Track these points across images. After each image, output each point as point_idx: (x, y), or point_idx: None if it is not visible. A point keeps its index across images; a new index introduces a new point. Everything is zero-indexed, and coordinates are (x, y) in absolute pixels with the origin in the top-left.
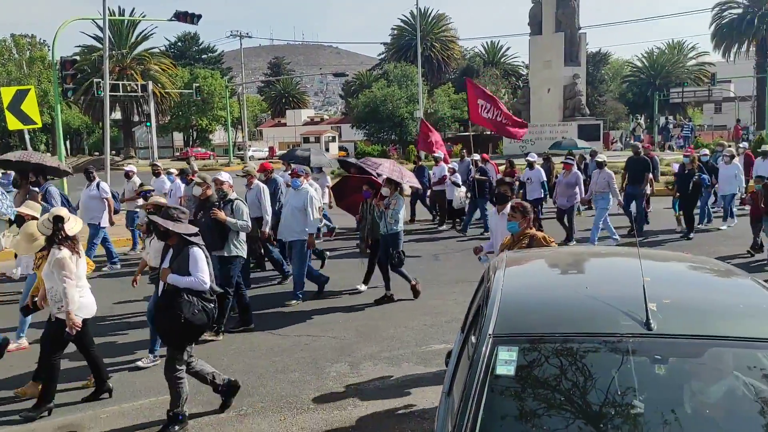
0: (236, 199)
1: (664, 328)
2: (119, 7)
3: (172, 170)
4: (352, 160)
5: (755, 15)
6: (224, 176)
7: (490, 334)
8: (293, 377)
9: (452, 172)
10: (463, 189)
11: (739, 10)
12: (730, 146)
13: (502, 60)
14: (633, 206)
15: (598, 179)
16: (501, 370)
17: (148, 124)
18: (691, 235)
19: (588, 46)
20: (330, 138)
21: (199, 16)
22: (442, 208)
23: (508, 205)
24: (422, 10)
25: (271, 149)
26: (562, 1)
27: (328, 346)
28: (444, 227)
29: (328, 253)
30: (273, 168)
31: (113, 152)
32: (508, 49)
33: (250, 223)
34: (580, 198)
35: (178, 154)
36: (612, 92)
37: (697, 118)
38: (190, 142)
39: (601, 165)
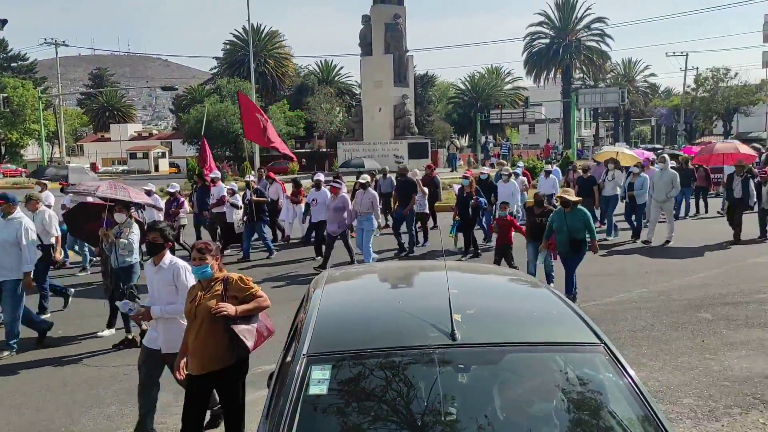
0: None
1: (467, 338)
2: None
3: None
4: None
5: (560, 45)
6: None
7: (304, 354)
8: (110, 411)
9: (231, 193)
10: (241, 211)
11: (547, 41)
12: (520, 163)
13: (336, 78)
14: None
15: (362, 200)
16: (314, 389)
17: None
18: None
19: (416, 69)
20: (159, 154)
21: (5, 21)
22: (224, 231)
23: (166, 254)
24: (255, 26)
25: (93, 165)
26: (390, 25)
27: None
28: (228, 251)
29: (72, 290)
30: None
31: None
32: (341, 68)
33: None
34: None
35: None
36: (439, 112)
37: (514, 137)
38: None
39: (363, 185)
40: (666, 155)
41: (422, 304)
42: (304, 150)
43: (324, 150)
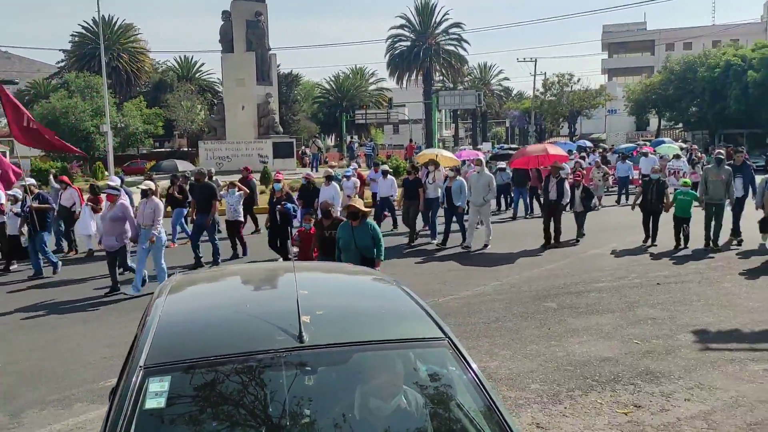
0: None
1: (315, 340)
2: None
3: None
4: None
5: (421, 48)
6: None
7: (141, 366)
8: None
9: (14, 200)
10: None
11: (408, 43)
12: (354, 164)
13: (197, 75)
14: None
15: (145, 209)
16: (151, 403)
17: None
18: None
19: (280, 67)
20: None
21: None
22: (5, 244)
23: None
24: (107, 18)
25: None
26: (252, 22)
27: None
28: (15, 266)
29: None
30: None
31: None
32: (203, 64)
33: None
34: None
35: None
36: (305, 112)
37: (379, 137)
38: None
39: (145, 193)
40: (482, 158)
41: (270, 307)
42: (163, 149)
43: (185, 149)
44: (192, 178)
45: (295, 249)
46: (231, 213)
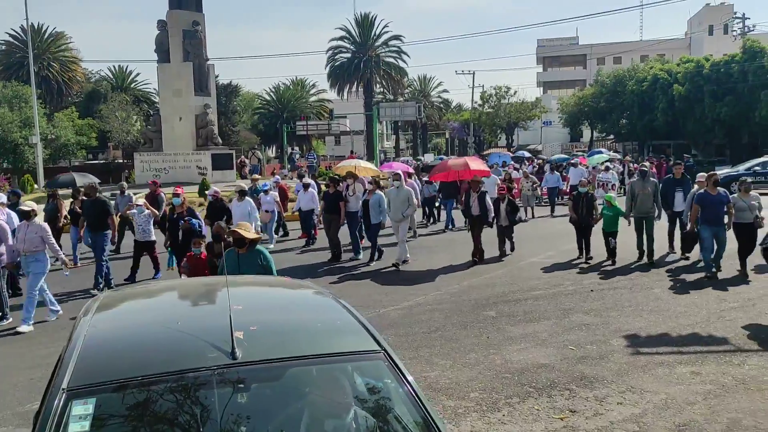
0: None
1: (248, 356)
2: None
3: None
4: None
5: (361, 60)
6: None
7: (63, 389)
8: None
9: None
10: None
11: (349, 55)
12: (277, 177)
13: (132, 86)
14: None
15: (27, 233)
16: (74, 427)
17: None
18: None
19: (219, 78)
20: None
21: None
22: None
23: None
24: (36, 26)
25: None
26: (189, 32)
27: None
28: None
29: None
30: None
31: None
32: (138, 74)
33: None
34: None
35: None
36: (245, 123)
37: (321, 149)
38: None
39: (26, 215)
40: (400, 173)
41: (202, 324)
42: (97, 161)
43: (120, 161)
44: (82, 195)
45: (184, 277)
46: (140, 233)
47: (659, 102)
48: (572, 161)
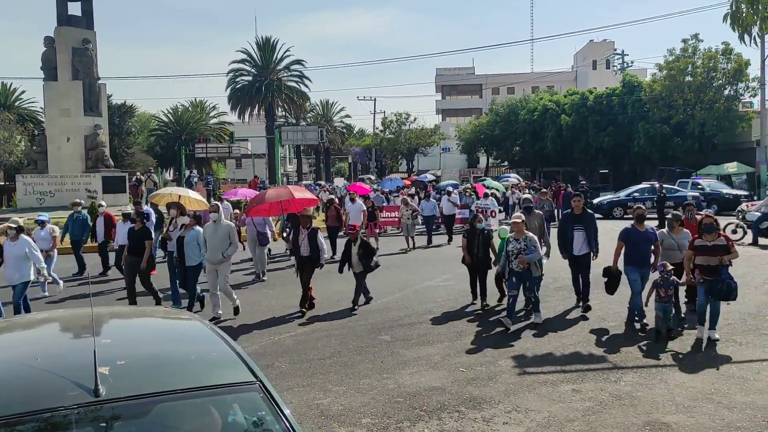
0: None
1: (113, 392)
2: None
3: None
4: None
5: (263, 84)
6: None
7: None
8: None
9: None
10: None
11: (250, 78)
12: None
13: (17, 104)
14: None
15: None
16: None
17: None
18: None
19: (112, 98)
20: None
21: None
22: None
23: None
24: None
25: None
26: (79, 49)
27: None
28: None
29: None
30: None
31: None
32: (23, 92)
33: None
34: None
35: None
36: (140, 144)
37: (222, 172)
38: None
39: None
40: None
41: (66, 360)
42: None
43: (2, 183)
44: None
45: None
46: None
47: (549, 131)
48: (447, 189)
